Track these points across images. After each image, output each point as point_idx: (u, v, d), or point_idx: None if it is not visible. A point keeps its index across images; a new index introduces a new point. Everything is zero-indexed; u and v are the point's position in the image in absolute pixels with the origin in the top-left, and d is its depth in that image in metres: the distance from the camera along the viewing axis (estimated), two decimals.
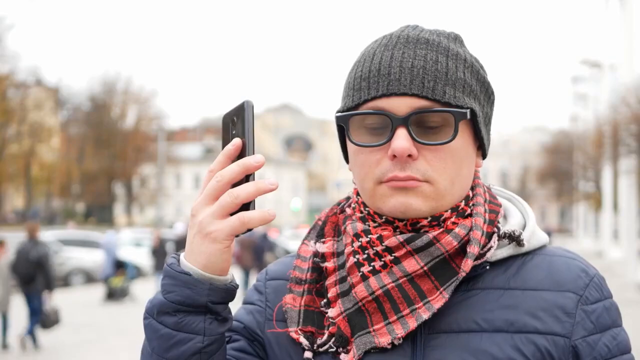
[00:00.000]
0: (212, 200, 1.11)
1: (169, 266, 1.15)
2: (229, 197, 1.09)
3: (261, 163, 1.10)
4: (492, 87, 1.28)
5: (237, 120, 1.14)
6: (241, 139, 1.13)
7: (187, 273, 1.12)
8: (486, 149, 1.29)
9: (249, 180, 1.11)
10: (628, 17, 26.74)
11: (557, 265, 1.25)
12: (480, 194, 1.27)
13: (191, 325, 1.12)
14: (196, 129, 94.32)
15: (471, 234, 1.20)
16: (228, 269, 1.14)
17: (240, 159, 1.12)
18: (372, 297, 1.20)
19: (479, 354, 1.18)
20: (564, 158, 53.31)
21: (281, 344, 1.28)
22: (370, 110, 1.19)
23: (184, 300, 1.12)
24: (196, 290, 1.11)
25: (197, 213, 1.12)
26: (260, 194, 1.10)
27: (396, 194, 1.19)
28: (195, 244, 1.12)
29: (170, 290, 1.13)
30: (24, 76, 50.14)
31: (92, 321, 15.32)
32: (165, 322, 1.13)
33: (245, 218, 1.08)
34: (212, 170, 1.13)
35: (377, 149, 1.19)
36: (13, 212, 56.13)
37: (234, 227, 1.09)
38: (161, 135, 54.30)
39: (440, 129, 1.19)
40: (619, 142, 23.51)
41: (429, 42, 1.22)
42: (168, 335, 1.13)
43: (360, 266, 1.22)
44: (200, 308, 1.12)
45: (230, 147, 1.12)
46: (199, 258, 1.12)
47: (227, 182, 1.10)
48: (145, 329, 1.16)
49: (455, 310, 1.21)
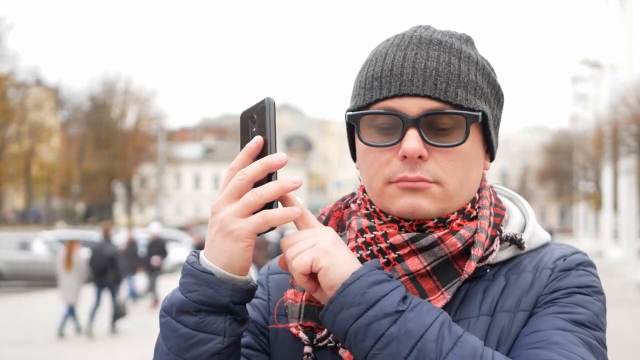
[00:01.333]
0: (234, 199, 1.10)
1: (190, 264, 1.13)
2: (253, 196, 1.08)
3: (284, 161, 1.09)
4: (502, 90, 1.28)
5: (257, 117, 1.13)
6: (262, 137, 1.12)
7: (210, 272, 1.11)
8: (494, 152, 1.29)
9: (271, 179, 1.10)
10: (628, 17, 26.74)
11: (544, 254, 1.26)
12: (486, 196, 1.28)
13: (212, 326, 1.11)
14: (196, 129, 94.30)
15: (476, 236, 1.21)
16: (248, 269, 1.14)
17: (261, 157, 1.11)
18: None
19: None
20: (564, 158, 53.31)
21: (282, 339, 1.28)
22: (381, 110, 1.20)
23: (206, 300, 1.11)
24: (219, 290, 1.11)
25: (219, 211, 1.11)
26: (284, 193, 1.09)
27: (405, 194, 1.19)
28: (216, 243, 1.11)
29: (192, 290, 1.11)
30: (24, 76, 50.06)
31: None
32: (185, 321, 1.12)
33: (268, 216, 1.08)
34: (234, 168, 1.12)
35: (387, 149, 1.19)
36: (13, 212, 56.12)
37: (257, 226, 1.08)
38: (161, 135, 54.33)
39: (451, 131, 1.19)
40: (619, 142, 23.50)
41: (441, 44, 1.22)
42: (188, 335, 1.12)
43: (362, 262, 1.21)
44: (222, 308, 1.11)
45: (252, 145, 1.12)
46: (220, 257, 1.11)
47: (250, 180, 1.10)
48: (161, 327, 1.15)
49: (455, 304, 1.22)
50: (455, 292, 1.21)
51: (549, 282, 1.20)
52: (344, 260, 1.11)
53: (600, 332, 1.18)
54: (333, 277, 1.10)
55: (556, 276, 1.21)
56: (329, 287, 1.11)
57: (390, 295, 1.08)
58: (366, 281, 1.08)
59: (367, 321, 1.07)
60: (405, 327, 1.06)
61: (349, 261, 1.12)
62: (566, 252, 1.25)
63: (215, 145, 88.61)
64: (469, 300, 1.21)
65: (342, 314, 1.08)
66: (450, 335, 1.07)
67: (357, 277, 1.09)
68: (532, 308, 1.19)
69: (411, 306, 1.08)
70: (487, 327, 1.19)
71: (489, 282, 1.23)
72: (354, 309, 1.08)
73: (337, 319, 1.09)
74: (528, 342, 1.14)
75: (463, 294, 1.22)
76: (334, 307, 1.09)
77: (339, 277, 1.10)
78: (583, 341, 1.14)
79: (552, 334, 1.14)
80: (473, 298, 1.21)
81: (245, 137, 1.15)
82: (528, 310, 1.19)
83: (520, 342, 1.16)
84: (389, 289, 1.09)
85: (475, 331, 1.18)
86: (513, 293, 1.21)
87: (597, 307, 1.19)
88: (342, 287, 1.09)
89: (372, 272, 1.10)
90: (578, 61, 44.37)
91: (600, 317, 1.19)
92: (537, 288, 1.20)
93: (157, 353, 1.17)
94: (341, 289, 1.09)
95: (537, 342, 1.13)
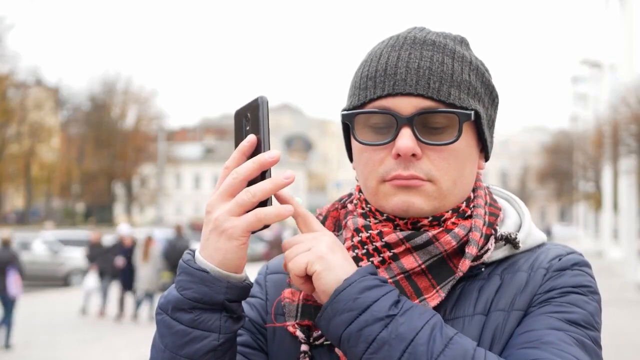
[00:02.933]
0: (228, 197, 1.12)
1: (185, 262, 1.14)
2: (246, 195, 1.10)
3: (276, 158, 1.11)
4: (496, 91, 1.29)
5: (250, 116, 1.14)
6: (256, 136, 1.13)
7: (205, 270, 1.12)
8: (489, 151, 1.30)
9: (265, 176, 1.11)
10: (628, 17, 26.73)
11: (539, 254, 1.27)
12: (481, 196, 1.29)
13: (207, 323, 1.12)
14: (196, 129, 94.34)
15: (470, 235, 1.22)
16: (243, 267, 1.15)
17: (255, 155, 1.12)
18: None
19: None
20: (564, 158, 53.31)
21: (280, 338, 1.30)
22: (375, 109, 1.21)
23: (201, 298, 1.12)
24: (214, 288, 1.12)
25: (213, 210, 1.12)
26: (278, 190, 1.11)
27: (399, 192, 1.20)
28: (211, 241, 1.12)
29: (187, 287, 1.13)
30: (24, 76, 50.23)
31: (93, 321, 15.34)
32: (180, 318, 1.13)
33: (261, 214, 1.09)
34: (228, 167, 1.13)
35: (381, 148, 1.21)
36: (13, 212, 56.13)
37: (251, 224, 1.09)
38: (161, 135, 54.39)
39: (444, 130, 1.20)
40: (619, 142, 23.49)
41: (435, 44, 1.23)
42: (183, 332, 1.13)
43: (359, 261, 1.23)
44: (217, 306, 1.13)
45: (245, 144, 1.13)
46: (215, 255, 1.12)
47: (243, 179, 1.11)
48: (158, 324, 1.16)
49: (450, 302, 1.22)
50: (450, 290, 1.21)
51: (543, 282, 1.21)
52: (337, 266, 1.13)
53: (594, 331, 1.18)
54: (325, 282, 1.12)
55: (551, 276, 1.21)
56: (321, 291, 1.13)
57: (381, 300, 1.09)
58: (358, 287, 1.10)
59: (358, 326, 1.08)
60: (396, 331, 1.07)
61: (342, 267, 1.13)
62: (561, 252, 1.26)
63: (215, 145, 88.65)
64: (464, 298, 1.22)
65: (335, 319, 1.10)
66: (442, 338, 1.08)
67: (349, 284, 1.11)
68: (526, 307, 1.19)
69: (402, 310, 1.09)
70: (481, 326, 1.19)
71: (484, 281, 1.23)
72: (346, 315, 1.09)
73: (331, 324, 1.11)
74: (521, 342, 1.15)
75: (458, 293, 1.23)
76: (327, 314, 1.11)
77: (331, 282, 1.12)
78: (577, 341, 1.14)
79: (545, 333, 1.14)
80: (468, 297, 1.22)
81: (239, 135, 1.16)
82: (522, 309, 1.19)
83: (514, 341, 1.16)
84: (380, 294, 1.10)
85: (469, 330, 1.19)
86: (508, 292, 1.21)
87: (592, 307, 1.19)
88: (335, 293, 1.11)
89: (364, 278, 1.11)
90: (578, 61, 44.36)
91: (595, 316, 1.19)
92: (532, 287, 1.21)
93: (154, 350, 1.18)
94: (333, 295, 1.11)
95: (530, 342, 1.14)
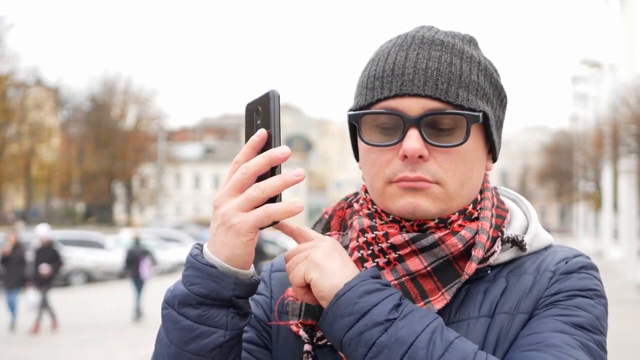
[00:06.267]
0: (236, 192, 1.10)
1: (193, 257, 1.13)
2: (255, 190, 1.08)
3: (287, 155, 1.09)
4: (505, 91, 1.28)
5: (261, 110, 1.12)
6: (266, 130, 1.11)
7: (213, 265, 1.11)
8: (497, 152, 1.28)
9: (275, 172, 1.10)
10: (628, 17, 26.74)
11: (546, 257, 1.25)
12: (488, 197, 1.27)
13: (214, 319, 1.11)
14: (196, 129, 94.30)
15: (477, 237, 1.20)
16: (251, 263, 1.14)
17: (265, 150, 1.10)
18: None
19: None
20: (564, 158, 53.37)
21: (283, 336, 1.29)
22: (382, 109, 1.19)
23: (209, 294, 1.11)
24: (222, 283, 1.11)
25: (221, 204, 1.11)
26: (287, 187, 1.09)
27: (406, 194, 1.19)
28: (218, 236, 1.11)
29: (194, 282, 1.11)
30: (24, 76, 50.16)
31: (92, 321, 15.33)
32: (187, 314, 1.12)
33: (270, 210, 1.08)
34: (238, 161, 1.12)
35: (388, 149, 1.19)
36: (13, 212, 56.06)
37: (259, 220, 1.08)
38: (161, 135, 54.40)
39: (452, 131, 1.18)
40: (619, 142, 23.50)
41: (443, 44, 1.21)
42: (189, 328, 1.11)
43: (364, 262, 1.22)
44: (224, 302, 1.12)
45: (256, 139, 1.11)
46: (222, 250, 1.11)
47: (252, 174, 1.10)
48: (163, 319, 1.15)
49: (455, 305, 1.21)
50: (455, 292, 1.20)
51: (550, 285, 1.20)
52: (334, 272, 1.12)
53: (600, 335, 1.17)
54: (321, 288, 1.12)
55: (558, 279, 1.20)
56: (319, 297, 1.13)
57: (381, 304, 1.09)
58: (358, 291, 1.10)
59: (358, 331, 1.08)
60: (395, 335, 1.07)
61: (339, 272, 1.13)
62: (568, 255, 1.24)
63: (215, 145, 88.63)
64: (469, 301, 1.21)
65: (336, 324, 1.10)
66: (442, 341, 1.07)
67: (349, 288, 1.10)
68: (531, 310, 1.18)
69: (403, 314, 1.09)
70: (486, 328, 1.18)
71: (490, 283, 1.22)
72: (346, 319, 1.09)
73: (332, 328, 1.11)
74: (525, 344, 1.14)
75: (463, 295, 1.22)
76: (328, 318, 1.11)
77: (328, 289, 1.12)
78: (582, 344, 1.13)
79: (550, 336, 1.13)
80: (473, 299, 1.21)
81: (250, 129, 1.15)
82: (527, 312, 1.18)
83: (518, 343, 1.15)
84: (381, 298, 1.10)
85: (474, 332, 1.18)
86: (513, 295, 1.20)
87: (599, 311, 1.18)
88: (335, 297, 1.11)
89: (364, 282, 1.11)
90: (578, 61, 44.30)
91: (601, 320, 1.18)
92: (538, 290, 1.20)
93: (158, 345, 1.16)
94: (334, 299, 1.11)
95: (534, 345, 1.13)
